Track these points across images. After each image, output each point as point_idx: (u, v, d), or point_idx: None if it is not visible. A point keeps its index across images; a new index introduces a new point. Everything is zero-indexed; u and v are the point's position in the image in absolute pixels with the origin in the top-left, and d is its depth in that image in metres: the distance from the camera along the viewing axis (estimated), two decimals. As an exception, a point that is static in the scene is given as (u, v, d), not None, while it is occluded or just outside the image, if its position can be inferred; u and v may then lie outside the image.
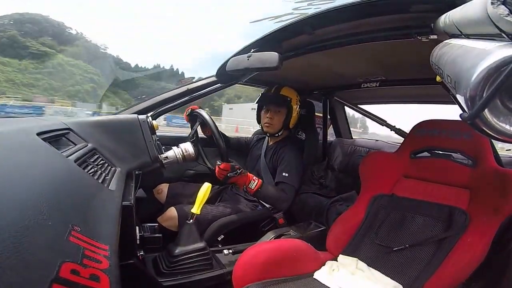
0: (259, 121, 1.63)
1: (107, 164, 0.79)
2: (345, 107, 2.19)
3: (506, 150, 1.42)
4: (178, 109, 1.51)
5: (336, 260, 1.07)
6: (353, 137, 2.26)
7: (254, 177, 1.38)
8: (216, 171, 1.34)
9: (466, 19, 0.44)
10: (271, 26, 0.97)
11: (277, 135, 1.58)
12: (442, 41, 0.59)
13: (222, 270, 1.12)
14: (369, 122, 1.96)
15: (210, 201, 1.35)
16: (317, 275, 0.99)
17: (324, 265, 1.04)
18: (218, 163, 1.33)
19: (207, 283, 1.08)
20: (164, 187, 1.54)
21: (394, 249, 1.03)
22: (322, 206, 1.71)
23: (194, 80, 1.45)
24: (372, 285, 0.94)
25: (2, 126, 0.54)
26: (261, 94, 1.63)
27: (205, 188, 1.09)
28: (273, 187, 1.44)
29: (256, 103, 1.63)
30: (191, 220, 1.09)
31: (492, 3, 0.33)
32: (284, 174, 1.44)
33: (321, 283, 0.95)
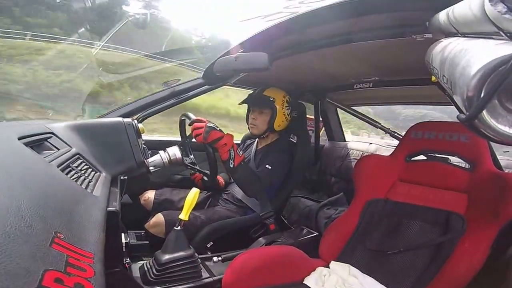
0: (247, 123, 1.63)
1: (91, 169, 0.77)
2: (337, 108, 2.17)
3: (504, 152, 1.43)
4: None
5: (328, 267, 1.05)
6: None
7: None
8: (192, 129, 1.23)
9: (463, 17, 0.43)
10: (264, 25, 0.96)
11: (263, 136, 1.57)
12: (438, 40, 0.58)
13: (211, 278, 1.10)
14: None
15: (198, 206, 1.32)
16: (307, 281, 0.98)
17: (314, 271, 1.03)
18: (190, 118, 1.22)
19: None
20: (151, 193, 1.50)
21: (388, 252, 1.02)
22: (312, 210, 1.71)
23: (180, 82, 1.43)
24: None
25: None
26: (248, 95, 1.62)
27: (194, 194, 1.07)
28: (252, 170, 1.42)
29: (239, 104, 1.62)
30: (179, 227, 1.07)
31: (490, 1, 0.33)
32: (267, 166, 1.42)
33: None
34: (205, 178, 1.44)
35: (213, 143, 1.22)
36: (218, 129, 1.23)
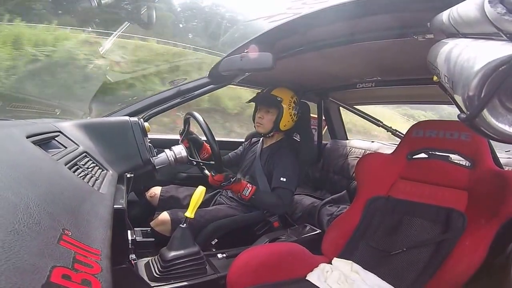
0: (253, 121, 1.63)
1: (98, 167, 0.78)
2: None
3: (506, 151, 1.41)
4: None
5: (331, 263, 1.06)
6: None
7: (248, 184, 1.38)
8: (209, 180, 1.35)
9: (464, 18, 0.43)
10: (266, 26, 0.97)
11: (268, 135, 1.57)
12: (439, 40, 0.58)
13: (216, 274, 1.11)
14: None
15: (204, 204, 1.33)
16: (310, 277, 0.99)
17: (317, 267, 1.04)
18: (212, 174, 1.34)
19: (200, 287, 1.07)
20: (157, 190, 1.52)
21: (391, 253, 1.02)
22: (314, 208, 1.71)
23: (186, 81, 1.44)
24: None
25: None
26: (256, 94, 1.63)
27: (200, 192, 1.08)
28: (267, 194, 1.44)
29: (247, 102, 1.62)
30: (185, 224, 1.08)
31: (489, 2, 0.33)
32: (282, 179, 1.43)
33: (314, 285, 0.95)
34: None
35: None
36: (231, 182, 1.34)
